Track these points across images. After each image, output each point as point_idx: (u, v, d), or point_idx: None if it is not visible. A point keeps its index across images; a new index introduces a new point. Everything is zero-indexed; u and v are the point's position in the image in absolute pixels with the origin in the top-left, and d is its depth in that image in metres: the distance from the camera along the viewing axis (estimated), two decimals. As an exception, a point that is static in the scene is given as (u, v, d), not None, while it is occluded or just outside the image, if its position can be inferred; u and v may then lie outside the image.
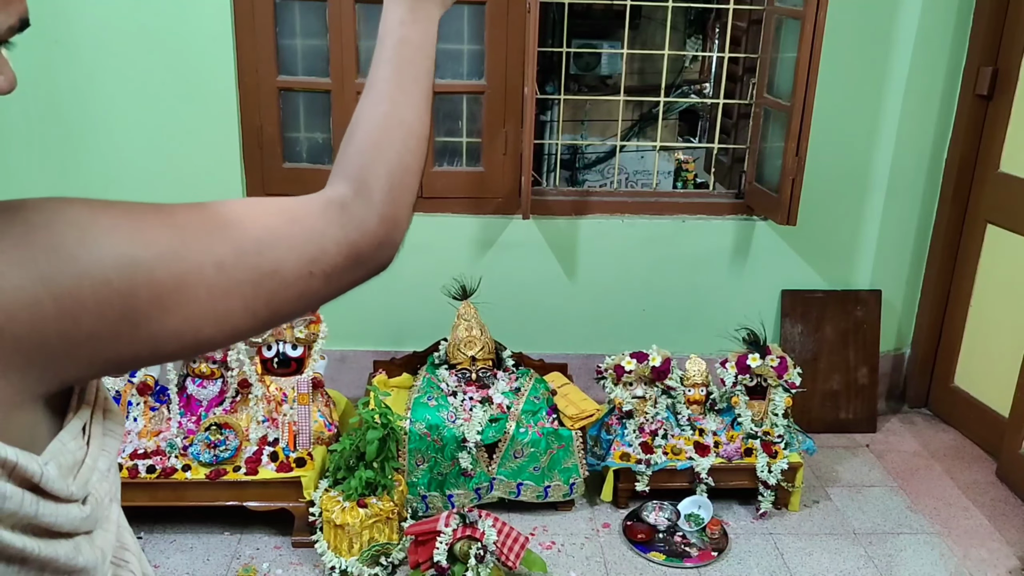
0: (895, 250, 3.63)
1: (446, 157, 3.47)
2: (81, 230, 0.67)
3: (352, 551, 2.66)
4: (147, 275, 0.68)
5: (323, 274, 0.78)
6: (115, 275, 0.66)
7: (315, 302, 0.81)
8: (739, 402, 3.08)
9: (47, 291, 0.63)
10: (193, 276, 0.70)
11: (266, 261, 0.74)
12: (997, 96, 3.35)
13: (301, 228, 0.77)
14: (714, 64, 4.69)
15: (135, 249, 0.68)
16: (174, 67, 3.20)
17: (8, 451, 0.63)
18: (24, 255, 0.63)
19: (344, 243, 0.79)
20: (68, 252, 0.65)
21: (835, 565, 2.85)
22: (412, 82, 0.87)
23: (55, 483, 0.66)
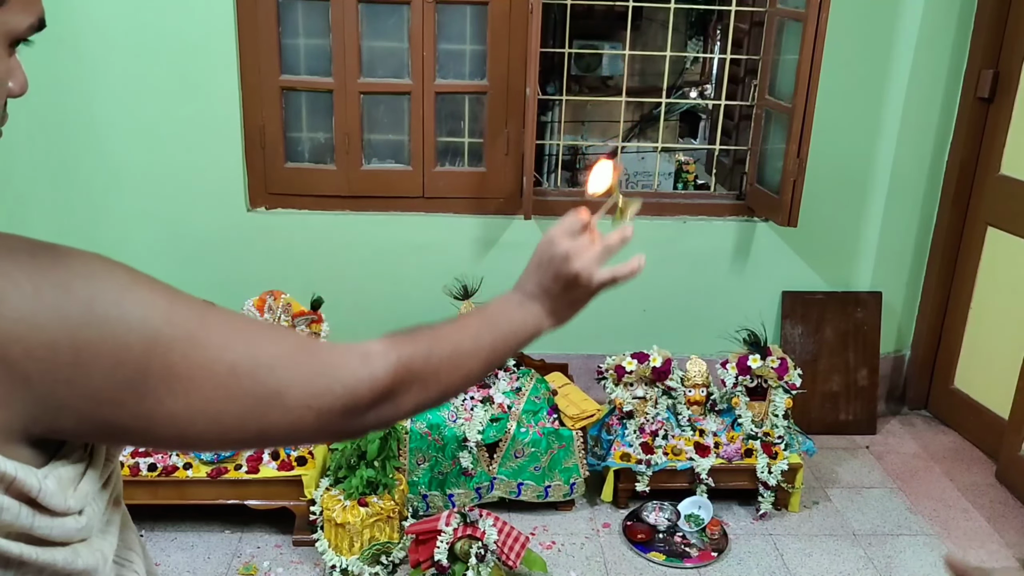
0: (896, 252, 3.64)
1: (448, 157, 3.48)
2: (118, 293, 0.69)
3: (353, 550, 2.67)
4: (164, 353, 0.69)
5: (319, 411, 0.78)
6: (137, 342, 0.68)
7: (302, 438, 0.81)
8: (739, 403, 3.08)
9: (70, 339, 0.65)
10: (205, 369, 0.72)
11: (275, 380, 0.76)
12: (998, 99, 3.36)
13: (318, 361, 0.80)
14: (715, 66, 4.69)
15: (162, 324, 0.70)
16: (176, 66, 3.20)
17: (7, 465, 0.64)
18: (59, 300, 0.66)
19: (350, 387, 0.80)
20: (101, 309, 0.67)
21: (835, 566, 2.85)
22: (488, 346, 0.95)
23: (52, 498, 0.68)
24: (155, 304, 0.71)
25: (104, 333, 0.67)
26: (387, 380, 0.83)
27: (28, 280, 0.65)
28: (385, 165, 3.44)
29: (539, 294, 1.01)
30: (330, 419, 0.79)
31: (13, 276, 0.65)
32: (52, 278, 0.66)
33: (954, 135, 3.50)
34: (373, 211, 3.43)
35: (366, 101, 3.34)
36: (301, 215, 3.42)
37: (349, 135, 3.34)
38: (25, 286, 0.65)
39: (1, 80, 0.73)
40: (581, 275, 1.01)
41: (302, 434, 0.79)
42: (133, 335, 0.68)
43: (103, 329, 0.67)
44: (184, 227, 3.38)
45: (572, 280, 1.01)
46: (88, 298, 0.67)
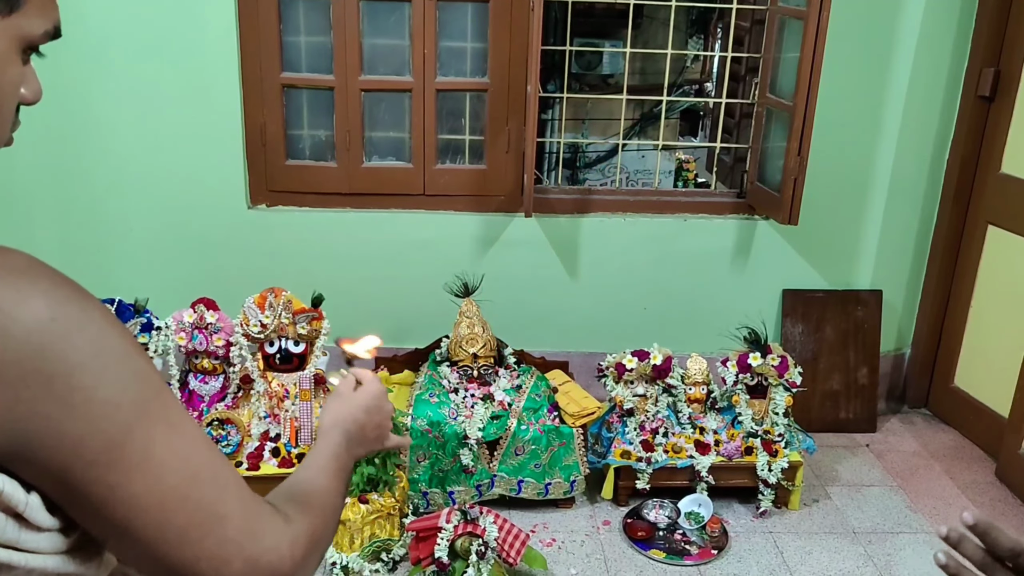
0: (896, 250, 3.64)
1: (449, 155, 3.48)
2: (125, 350, 0.70)
3: (353, 547, 2.67)
4: (148, 428, 0.69)
5: (246, 560, 0.76)
6: (130, 405, 0.69)
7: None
8: (740, 401, 3.09)
9: (68, 377, 0.66)
10: (177, 461, 0.71)
11: (225, 505, 0.75)
12: (999, 97, 3.36)
13: (262, 515, 0.79)
14: (716, 64, 4.69)
15: (154, 399, 0.71)
16: (177, 63, 3.20)
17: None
18: (69, 335, 0.66)
19: (276, 561, 0.78)
20: (107, 358, 0.68)
21: (835, 564, 2.86)
22: (341, 498, 0.98)
23: (37, 514, 0.67)
24: (153, 377, 0.71)
25: (103, 383, 0.67)
26: (297, 557, 0.82)
27: (46, 307, 0.65)
28: (386, 163, 3.45)
29: (358, 438, 1.07)
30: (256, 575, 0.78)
31: (30, 300, 0.64)
32: (68, 312, 0.66)
33: (955, 133, 3.50)
34: (374, 209, 3.43)
35: (367, 98, 3.34)
36: (302, 212, 3.42)
37: (350, 132, 3.34)
38: (42, 313, 0.64)
39: (14, 86, 0.73)
40: (387, 431, 1.14)
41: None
42: (129, 396, 0.68)
43: (104, 379, 0.67)
44: (185, 225, 3.39)
45: (382, 433, 1.13)
46: (97, 343, 0.67)
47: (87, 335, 0.66)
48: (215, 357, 2.92)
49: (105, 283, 3.07)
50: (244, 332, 2.88)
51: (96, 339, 0.67)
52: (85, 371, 0.66)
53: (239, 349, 2.89)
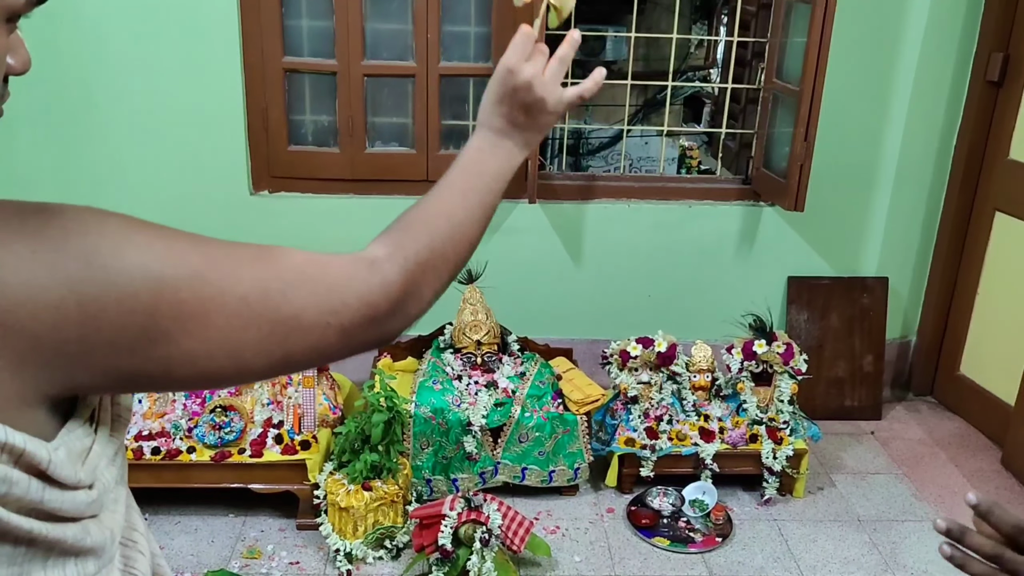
0: (902, 237, 3.62)
1: (452, 140, 3.45)
2: (115, 242, 0.68)
3: (357, 534, 2.66)
4: (172, 293, 0.69)
5: (340, 327, 0.78)
6: (142, 288, 0.67)
7: (328, 355, 0.81)
8: (744, 388, 3.07)
9: (74, 296, 0.65)
10: (216, 302, 0.71)
11: (288, 303, 0.75)
12: (1008, 82, 3.33)
13: (328, 277, 0.80)
14: (720, 50, 4.66)
15: (164, 267, 0.69)
16: (179, 48, 3.17)
17: (16, 437, 0.64)
18: (56, 259, 0.65)
19: (366, 298, 0.80)
20: (100, 261, 0.66)
21: (839, 552, 2.85)
22: (478, 204, 0.92)
23: (63, 470, 0.67)
24: (153, 248, 0.70)
25: (106, 285, 0.66)
26: (400, 283, 0.83)
27: (23, 243, 0.64)
28: (389, 148, 3.42)
29: (508, 129, 0.97)
30: (353, 332, 0.79)
31: (6, 240, 0.64)
32: (46, 238, 0.66)
33: (963, 119, 3.47)
34: (377, 195, 3.41)
35: (370, 84, 3.32)
36: (304, 199, 3.40)
37: (353, 118, 3.31)
38: (21, 250, 0.64)
39: (0, 56, 0.71)
40: (548, 100, 0.98)
41: (328, 351, 0.79)
42: (136, 282, 0.68)
43: (105, 281, 0.66)
44: (187, 210, 3.36)
45: (540, 107, 0.97)
46: (85, 253, 0.66)
47: (73, 251, 0.66)
48: (217, 344, 2.90)
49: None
50: (246, 319, 2.86)
51: (83, 250, 0.67)
52: (85, 283, 0.66)
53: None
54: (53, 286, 0.64)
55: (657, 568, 2.74)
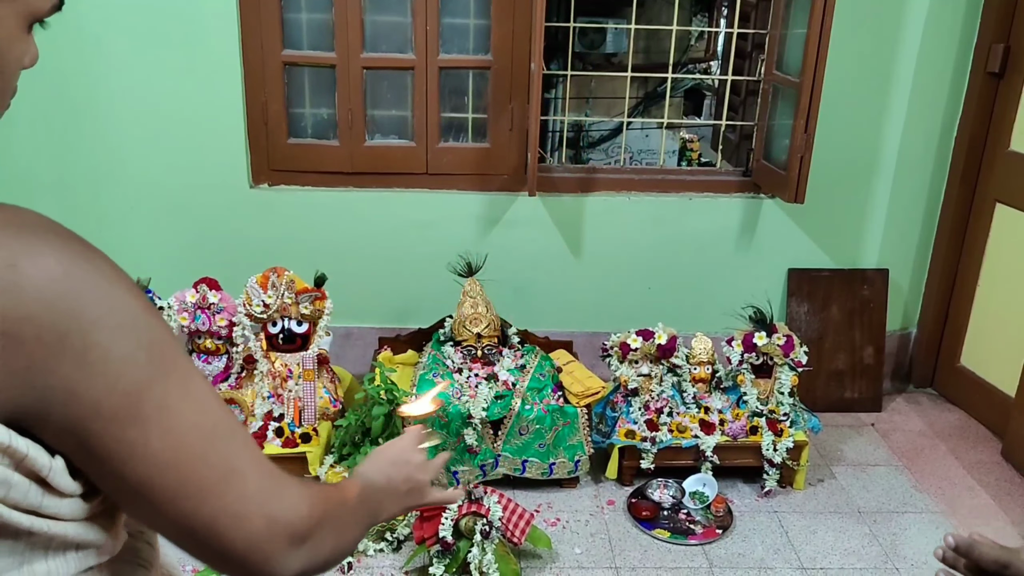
0: (903, 229, 3.61)
1: (452, 133, 3.45)
2: (139, 307, 0.69)
3: (357, 526, 2.66)
4: (164, 382, 0.69)
5: (269, 518, 0.76)
6: (146, 361, 0.68)
7: (241, 544, 0.75)
8: (745, 380, 3.07)
9: (83, 334, 0.65)
10: (194, 416, 0.71)
11: (243, 460, 0.75)
12: (1008, 74, 3.32)
13: (276, 472, 0.79)
14: (721, 42, 4.65)
15: (169, 354, 0.70)
16: (178, 41, 3.17)
17: (19, 442, 0.64)
18: (83, 292, 0.65)
19: (296, 513, 0.79)
20: (122, 316, 0.68)
21: (839, 543, 2.85)
22: (359, 530, 0.96)
23: (62, 479, 0.67)
24: (166, 333, 0.71)
25: (117, 339, 0.66)
26: (314, 519, 0.82)
27: (58, 263, 0.64)
28: (388, 141, 3.42)
29: (385, 488, 1.06)
30: (275, 532, 0.76)
31: (41, 256, 0.63)
32: (80, 268, 0.65)
33: (963, 110, 3.46)
34: (376, 188, 3.41)
35: (369, 77, 3.31)
36: (304, 192, 3.40)
37: (352, 111, 3.31)
38: (54, 268, 0.63)
39: (19, 61, 0.73)
40: (423, 486, 1.12)
41: (246, 536, 0.75)
42: (143, 353, 0.67)
43: (118, 335, 0.66)
44: (187, 204, 3.37)
45: (416, 487, 1.11)
46: (110, 299, 0.66)
47: (99, 291, 0.66)
48: (218, 337, 2.91)
49: (107, 263, 3.05)
50: (247, 312, 2.87)
51: (108, 295, 0.66)
52: (99, 327, 0.65)
53: (242, 329, 2.88)
54: (68, 315, 0.64)
55: (657, 560, 2.75)
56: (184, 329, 2.90)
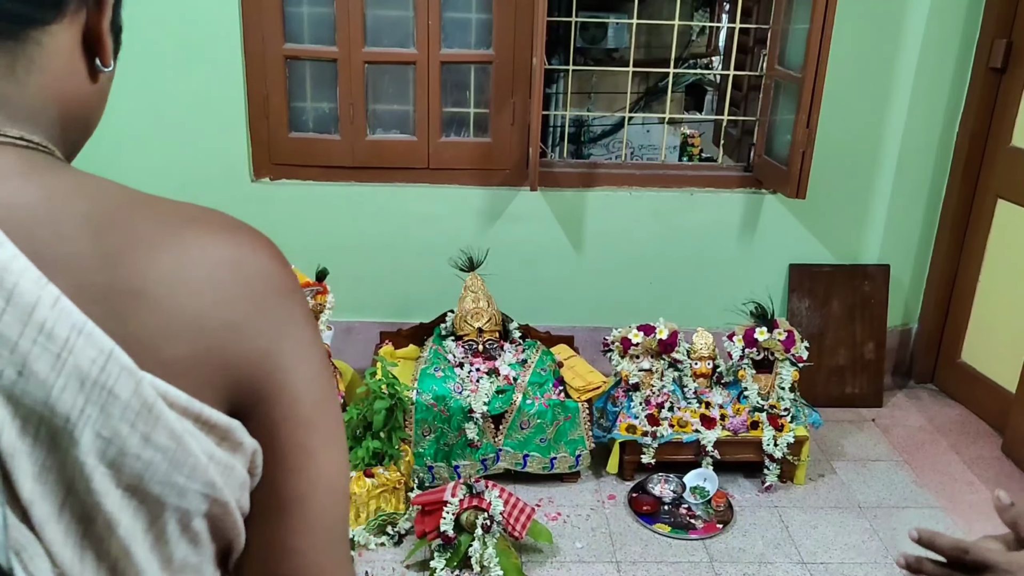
0: (904, 225, 3.61)
1: (453, 127, 3.44)
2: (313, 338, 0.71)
3: (359, 520, 2.67)
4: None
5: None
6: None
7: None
8: (746, 375, 3.07)
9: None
10: (335, 445, 0.72)
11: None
12: (1011, 69, 3.32)
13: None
14: (723, 37, 4.65)
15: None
16: (179, 34, 3.16)
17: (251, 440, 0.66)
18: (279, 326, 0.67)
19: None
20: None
21: (840, 538, 2.85)
22: None
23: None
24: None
25: (316, 345, 0.69)
26: None
27: (273, 259, 0.69)
28: (390, 135, 3.41)
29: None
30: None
31: (263, 251, 0.68)
32: (288, 269, 0.69)
33: (965, 106, 3.46)
34: (378, 182, 3.40)
35: (370, 71, 3.31)
36: (305, 186, 3.40)
37: (353, 105, 3.31)
38: (273, 262, 0.68)
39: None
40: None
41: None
42: (325, 370, 0.70)
43: (315, 343, 0.69)
44: (188, 198, 3.28)
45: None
46: (305, 304, 0.70)
47: (299, 293, 0.69)
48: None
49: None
50: (248, 306, 2.86)
51: (303, 300, 0.70)
52: (306, 328, 0.68)
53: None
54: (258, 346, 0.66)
55: (658, 554, 2.75)
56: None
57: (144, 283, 0.60)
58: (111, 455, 0.58)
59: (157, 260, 0.61)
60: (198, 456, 0.61)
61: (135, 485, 0.59)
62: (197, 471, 0.61)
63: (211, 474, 0.62)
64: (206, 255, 0.64)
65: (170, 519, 0.62)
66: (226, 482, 0.63)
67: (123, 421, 0.57)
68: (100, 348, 0.56)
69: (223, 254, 0.65)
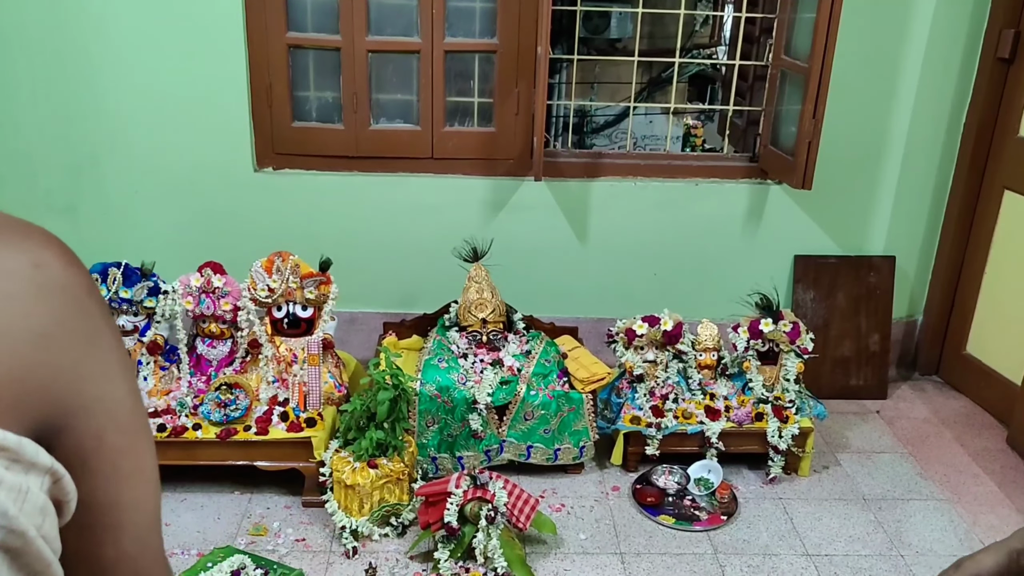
0: (910, 216, 3.59)
1: (457, 117, 3.43)
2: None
3: (363, 511, 2.66)
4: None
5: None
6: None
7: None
8: (751, 367, 3.06)
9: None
10: (148, 458, 0.69)
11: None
12: (1019, 59, 3.29)
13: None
14: (728, 27, 4.62)
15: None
16: (182, 24, 3.15)
17: (56, 463, 0.61)
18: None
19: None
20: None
21: (844, 530, 2.85)
22: None
23: (73, 505, 0.65)
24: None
25: (123, 354, 0.67)
26: None
27: (71, 261, 0.63)
28: (394, 125, 3.40)
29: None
30: None
31: (57, 254, 0.63)
32: (89, 279, 0.65)
33: (972, 96, 3.44)
34: (382, 172, 3.39)
35: (374, 60, 3.29)
36: (309, 175, 3.38)
37: (357, 94, 3.29)
38: (71, 267, 0.63)
39: None
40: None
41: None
42: (130, 368, 0.68)
43: (121, 351, 0.67)
44: (191, 188, 3.35)
45: None
46: (108, 312, 0.66)
47: (98, 295, 0.65)
48: (223, 321, 2.90)
49: (111, 246, 3.04)
50: (251, 296, 2.86)
51: (102, 300, 0.66)
52: (108, 331, 0.65)
53: (247, 313, 2.87)
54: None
55: (662, 546, 2.75)
56: (189, 313, 2.89)
57: None
58: None
59: None
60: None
61: None
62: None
63: (1, 502, 0.55)
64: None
65: None
66: (21, 508, 0.57)
67: None
68: None
69: (13, 263, 0.59)
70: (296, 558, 2.63)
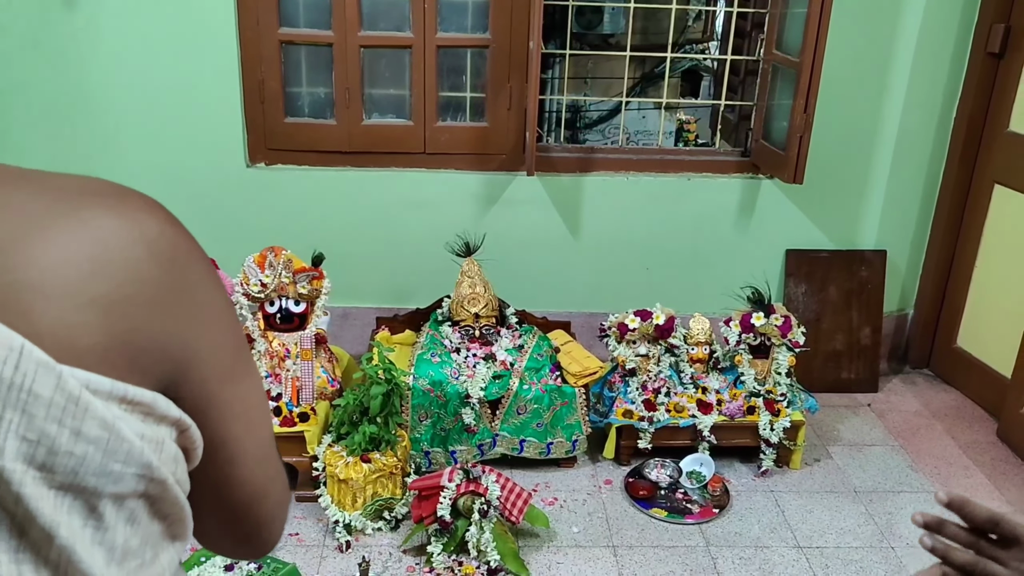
0: (901, 210, 3.61)
1: (450, 112, 3.43)
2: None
3: (356, 505, 2.67)
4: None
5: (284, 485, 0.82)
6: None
7: (275, 514, 0.82)
8: (742, 361, 3.07)
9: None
10: (253, 400, 0.75)
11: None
12: (1009, 54, 3.31)
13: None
14: (720, 23, 4.62)
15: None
16: (174, 19, 3.14)
17: (184, 415, 0.66)
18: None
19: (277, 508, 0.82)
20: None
21: (835, 523, 2.86)
22: None
23: (199, 453, 0.71)
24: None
25: (225, 304, 0.70)
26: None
27: (167, 222, 0.67)
28: (386, 120, 3.40)
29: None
30: (285, 514, 0.83)
31: (153, 217, 0.66)
32: (184, 233, 0.68)
33: (963, 91, 3.45)
34: (374, 167, 3.39)
35: (366, 55, 3.29)
36: (301, 171, 3.38)
37: (349, 90, 3.29)
38: (168, 228, 0.66)
39: None
40: None
41: (272, 513, 0.80)
42: (234, 316, 0.72)
43: (223, 302, 0.71)
44: (183, 183, 3.35)
45: None
46: (209, 268, 0.70)
47: (200, 253, 0.69)
48: (215, 316, 2.89)
49: (103, 242, 3.03)
50: (244, 291, 2.86)
51: (204, 258, 0.69)
52: (213, 286, 0.68)
53: (239, 308, 2.87)
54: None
55: (654, 539, 2.76)
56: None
57: (41, 274, 0.56)
58: (40, 458, 0.55)
59: (51, 244, 0.58)
60: (132, 440, 0.59)
61: (69, 482, 0.57)
62: (132, 455, 0.59)
63: (146, 455, 0.60)
64: (102, 232, 0.60)
65: (107, 506, 0.60)
66: (160, 459, 0.62)
67: (49, 420, 0.55)
68: (10, 346, 0.53)
69: (119, 229, 0.61)
70: (289, 552, 2.64)
